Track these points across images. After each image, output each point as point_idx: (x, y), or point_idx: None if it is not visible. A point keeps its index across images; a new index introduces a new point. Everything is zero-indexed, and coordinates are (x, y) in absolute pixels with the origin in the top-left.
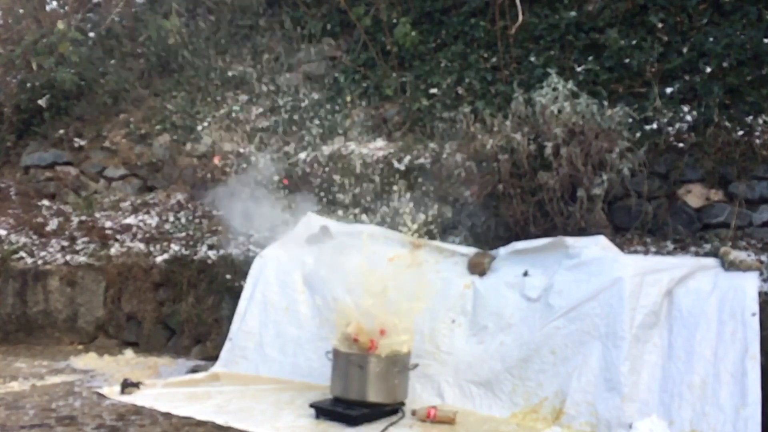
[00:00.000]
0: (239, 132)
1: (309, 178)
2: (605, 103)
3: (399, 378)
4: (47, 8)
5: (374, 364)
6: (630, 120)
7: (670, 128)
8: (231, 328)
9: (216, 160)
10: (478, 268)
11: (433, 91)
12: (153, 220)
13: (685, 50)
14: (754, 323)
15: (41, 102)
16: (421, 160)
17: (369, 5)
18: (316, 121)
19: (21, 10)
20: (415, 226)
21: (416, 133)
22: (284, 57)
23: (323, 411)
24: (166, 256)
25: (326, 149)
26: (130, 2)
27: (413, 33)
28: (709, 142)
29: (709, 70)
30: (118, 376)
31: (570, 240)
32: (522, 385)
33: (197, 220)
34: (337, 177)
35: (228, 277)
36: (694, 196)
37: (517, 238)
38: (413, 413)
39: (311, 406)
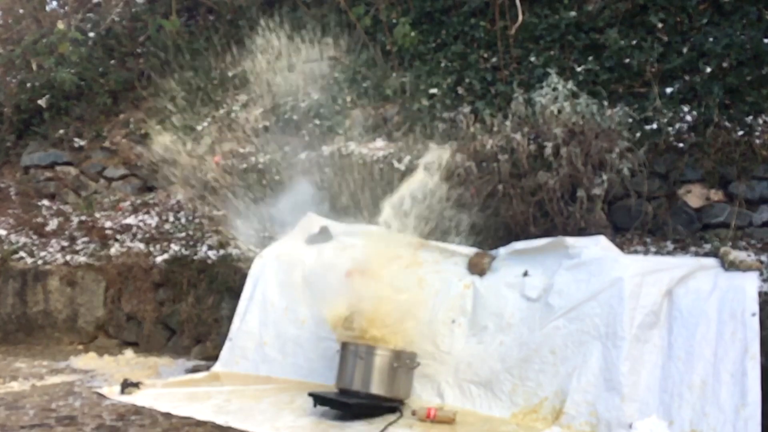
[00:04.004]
0: (239, 132)
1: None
2: (605, 103)
3: (402, 374)
4: (47, 8)
5: (380, 356)
6: (630, 120)
7: (670, 128)
8: (231, 328)
9: (216, 160)
10: (478, 268)
11: (433, 91)
12: (153, 220)
13: (685, 50)
14: (754, 323)
15: (41, 102)
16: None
17: (369, 5)
18: (316, 121)
19: (21, 10)
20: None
21: (416, 133)
22: (284, 57)
23: (321, 399)
24: (166, 256)
25: (326, 149)
26: (130, 2)
27: (413, 33)
28: (709, 142)
29: (709, 70)
30: (118, 376)
31: (570, 240)
32: (522, 385)
33: (197, 220)
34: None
35: (227, 275)
36: (694, 196)
37: (517, 238)
38: (413, 413)
39: (310, 394)
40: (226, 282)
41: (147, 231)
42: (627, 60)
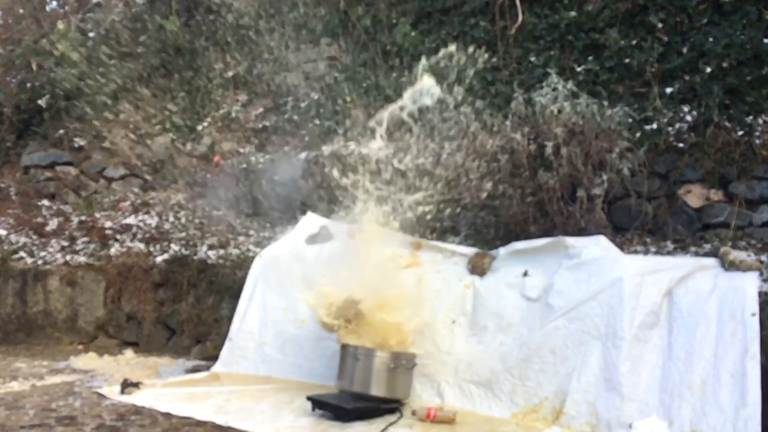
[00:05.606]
0: (239, 132)
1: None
2: (605, 103)
3: (401, 375)
4: (47, 8)
5: (378, 357)
6: (630, 120)
7: (670, 128)
8: (231, 328)
9: (216, 160)
10: (478, 268)
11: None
12: (153, 220)
13: (685, 50)
14: (754, 323)
15: (41, 102)
16: (421, 160)
17: (369, 5)
18: (316, 121)
19: (21, 10)
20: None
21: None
22: (284, 57)
23: (318, 403)
24: (166, 256)
25: (326, 149)
26: (130, 2)
27: (413, 33)
28: (709, 142)
29: (709, 70)
30: (118, 376)
31: (570, 240)
32: (522, 385)
33: (197, 220)
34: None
35: (227, 275)
36: (694, 196)
37: (517, 238)
38: (413, 413)
39: (308, 398)
40: (226, 282)
41: (147, 231)
42: (627, 60)
